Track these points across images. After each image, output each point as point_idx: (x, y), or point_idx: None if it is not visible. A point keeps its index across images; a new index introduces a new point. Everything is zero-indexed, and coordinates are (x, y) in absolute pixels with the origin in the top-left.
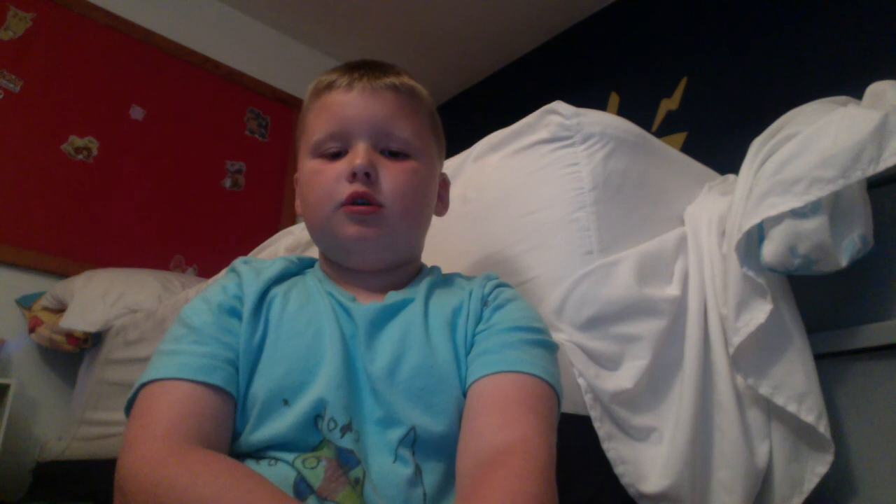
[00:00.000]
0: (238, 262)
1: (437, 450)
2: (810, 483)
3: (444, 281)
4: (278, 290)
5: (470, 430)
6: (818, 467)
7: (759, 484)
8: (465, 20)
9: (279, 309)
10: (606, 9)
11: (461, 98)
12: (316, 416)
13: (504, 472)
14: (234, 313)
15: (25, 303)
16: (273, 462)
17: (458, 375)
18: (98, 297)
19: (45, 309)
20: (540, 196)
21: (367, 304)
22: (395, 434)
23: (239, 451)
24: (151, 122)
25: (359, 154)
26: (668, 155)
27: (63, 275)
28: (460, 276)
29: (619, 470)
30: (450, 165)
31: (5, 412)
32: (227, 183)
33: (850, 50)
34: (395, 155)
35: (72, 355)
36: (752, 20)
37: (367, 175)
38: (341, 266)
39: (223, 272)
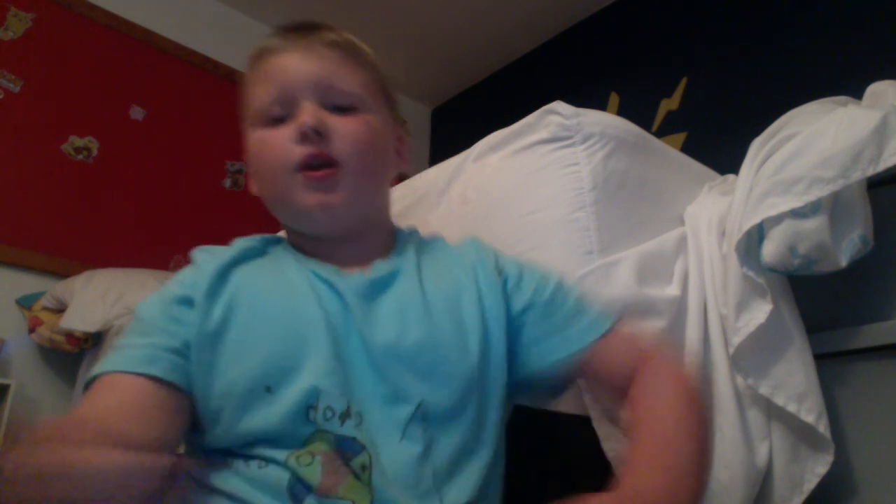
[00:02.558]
0: (196, 251)
1: (447, 424)
2: (810, 483)
3: (429, 246)
4: (239, 271)
5: (608, 371)
6: (818, 467)
7: (758, 484)
8: (465, 20)
9: (247, 291)
10: (606, 9)
11: (461, 98)
12: (308, 407)
13: (656, 369)
14: (185, 301)
15: (25, 303)
16: (263, 464)
17: (467, 347)
18: (98, 297)
19: (45, 309)
20: (540, 196)
21: (353, 276)
22: (404, 411)
23: (223, 445)
24: (151, 122)
25: (305, 112)
26: (668, 155)
27: (63, 275)
28: (442, 240)
29: (619, 470)
30: (450, 165)
31: (5, 412)
32: (227, 183)
33: (850, 50)
34: (344, 110)
35: (72, 355)
36: (752, 21)
37: (319, 134)
38: (311, 237)
39: None
